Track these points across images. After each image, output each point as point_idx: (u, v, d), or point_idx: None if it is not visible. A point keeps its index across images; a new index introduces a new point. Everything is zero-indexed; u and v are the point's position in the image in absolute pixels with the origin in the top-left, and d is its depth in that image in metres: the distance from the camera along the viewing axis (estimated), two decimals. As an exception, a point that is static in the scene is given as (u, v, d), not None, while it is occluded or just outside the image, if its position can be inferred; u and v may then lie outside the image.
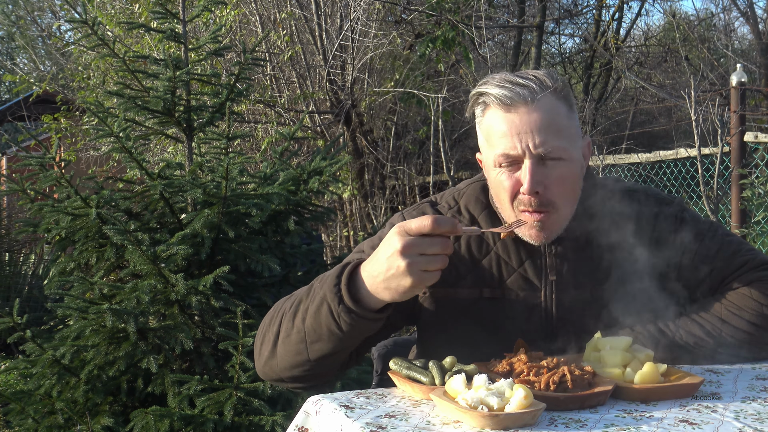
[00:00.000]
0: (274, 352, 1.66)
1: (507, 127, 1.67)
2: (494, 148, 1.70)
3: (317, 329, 1.57)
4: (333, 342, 1.58)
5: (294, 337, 1.62)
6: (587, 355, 1.62)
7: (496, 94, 1.67)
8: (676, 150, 6.21)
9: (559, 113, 1.69)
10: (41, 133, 10.13)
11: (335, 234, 7.76)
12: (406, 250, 1.43)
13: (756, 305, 1.72)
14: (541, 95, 1.66)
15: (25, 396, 3.44)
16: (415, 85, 7.48)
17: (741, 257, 1.80)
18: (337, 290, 1.52)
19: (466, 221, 1.81)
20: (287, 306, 1.66)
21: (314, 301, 1.57)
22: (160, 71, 3.85)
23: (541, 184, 1.67)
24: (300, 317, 1.60)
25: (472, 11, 7.52)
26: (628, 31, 12.16)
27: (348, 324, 1.53)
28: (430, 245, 1.44)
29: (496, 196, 1.76)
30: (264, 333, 1.70)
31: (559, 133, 1.68)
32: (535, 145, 1.66)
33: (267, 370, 1.71)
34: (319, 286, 1.58)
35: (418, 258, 1.44)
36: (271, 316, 1.70)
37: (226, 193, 3.49)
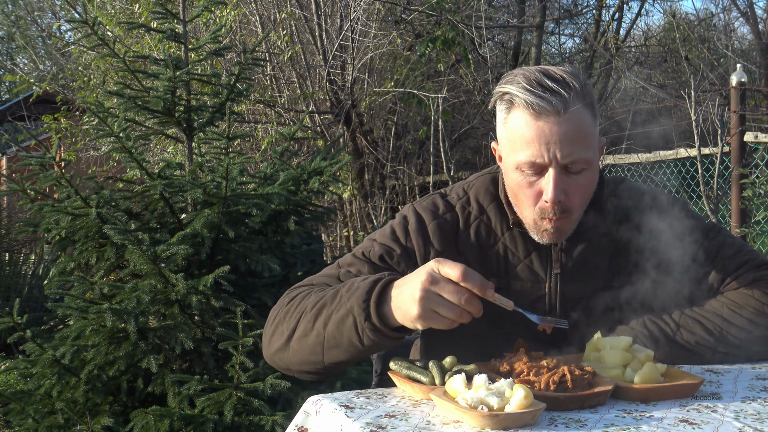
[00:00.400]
0: (287, 346, 1.66)
1: (535, 134, 1.65)
2: (518, 153, 1.69)
3: (338, 338, 1.57)
4: (351, 353, 1.59)
5: (312, 339, 1.61)
6: (587, 355, 1.62)
7: (526, 99, 1.64)
8: (676, 150, 6.20)
9: (586, 123, 1.68)
10: (41, 133, 10.14)
11: (335, 234, 7.76)
12: (426, 283, 1.45)
13: (757, 304, 1.73)
14: (572, 104, 1.64)
15: (25, 396, 3.44)
16: (415, 85, 7.48)
17: (742, 257, 1.81)
18: (366, 306, 1.51)
19: (475, 212, 1.83)
20: (308, 305, 1.64)
21: (340, 310, 1.56)
22: (160, 71, 3.85)
23: (563, 193, 1.68)
24: (322, 322, 1.59)
25: (472, 11, 7.52)
26: (628, 31, 12.16)
27: (371, 340, 1.53)
28: (449, 291, 1.44)
29: (513, 196, 1.77)
30: (277, 324, 1.69)
31: (585, 144, 1.68)
32: (562, 156, 1.65)
33: (276, 360, 1.71)
34: (347, 295, 1.56)
35: (433, 296, 1.45)
36: (288, 310, 1.68)
37: (226, 193, 3.49)
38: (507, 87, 1.69)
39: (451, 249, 1.79)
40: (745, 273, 1.78)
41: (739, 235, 5.04)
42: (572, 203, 1.70)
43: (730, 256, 1.81)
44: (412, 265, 1.74)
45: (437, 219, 1.82)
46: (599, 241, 1.80)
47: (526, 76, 1.67)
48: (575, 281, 1.78)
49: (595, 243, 1.80)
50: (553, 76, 1.67)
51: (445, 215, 1.83)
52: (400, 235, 1.80)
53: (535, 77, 1.66)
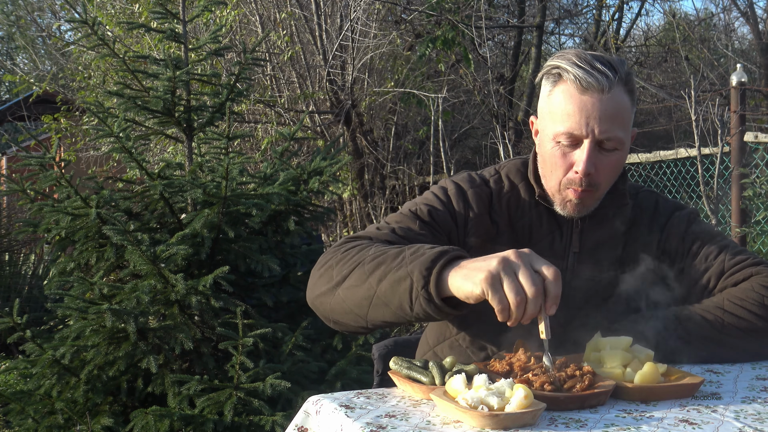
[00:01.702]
0: (333, 292, 1.65)
1: (577, 107, 1.74)
2: (558, 124, 1.77)
3: (389, 298, 1.55)
4: (397, 316, 1.57)
5: (362, 291, 1.59)
6: (587, 355, 1.62)
7: (576, 74, 1.73)
8: (676, 150, 6.20)
9: (626, 106, 1.78)
10: (41, 133, 10.14)
11: (335, 234, 7.76)
12: (513, 255, 1.42)
13: (757, 296, 1.76)
14: (615, 87, 1.74)
15: (25, 396, 3.44)
16: (415, 85, 7.48)
17: (743, 255, 1.88)
18: (428, 274, 1.49)
19: (507, 187, 1.91)
20: (367, 256, 1.62)
21: (399, 270, 1.54)
22: (160, 71, 3.85)
23: (594, 167, 1.77)
24: (376, 277, 1.57)
25: (472, 11, 7.52)
26: (628, 31, 12.17)
27: (422, 309, 1.50)
28: (527, 274, 1.40)
29: (543, 165, 1.85)
30: (328, 267, 1.69)
31: (621, 124, 1.77)
32: (600, 131, 1.74)
33: (317, 304, 1.71)
34: (410, 258, 1.54)
35: (510, 269, 1.41)
36: (344, 256, 1.67)
37: (226, 193, 3.49)
38: (557, 61, 1.79)
39: (486, 215, 1.87)
40: (744, 268, 1.84)
41: (739, 235, 5.04)
42: (600, 179, 1.79)
43: (731, 254, 1.87)
44: (455, 226, 1.83)
45: (474, 188, 1.90)
46: (617, 228, 1.88)
47: (577, 54, 1.78)
48: (590, 263, 1.85)
49: (612, 231, 1.88)
50: (601, 59, 1.77)
51: (481, 186, 1.92)
52: (443, 197, 1.88)
53: (586, 57, 1.77)
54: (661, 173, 6.36)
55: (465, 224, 1.85)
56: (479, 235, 1.82)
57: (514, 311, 1.40)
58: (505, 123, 7.59)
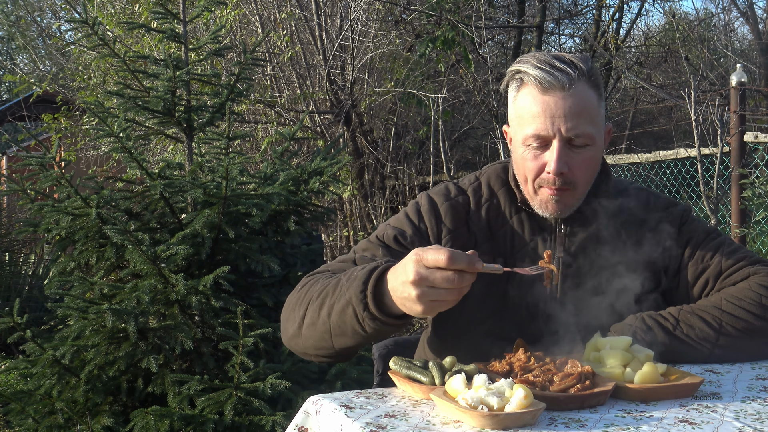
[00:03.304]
0: (299, 333, 1.70)
1: (541, 108, 1.74)
2: (525, 127, 1.77)
3: (342, 326, 1.60)
4: (357, 340, 1.62)
5: (319, 327, 1.64)
6: (587, 355, 1.62)
7: (535, 75, 1.73)
8: (676, 150, 6.20)
9: (591, 101, 1.76)
10: (41, 133, 10.13)
11: (335, 234, 7.76)
12: (417, 282, 1.45)
13: (755, 296, 1.75)
14: (577, 82, 1.73)
15: (25, 396, 3.44)
16: (415, 85, 7.48)
17: (739, 254, 1.86)
18: (363, 296, 1.53)
19: (486, 195, 1.90)
20: (314, 293, 1.68)
21: (340, 300, 1.59)
22: (160, 71, 3.85)
23: (566, 165, 1.75)
24: (326, 311, 1.62)
25: (472, 11, 7.52)
26: (628, 31, 12.15)
27: (372, 328, 1.55)
28: (441, 280, 1.44)
29: (518, 171, 1.84)
30: (290, 310, 1.74)
31: (589, 119, 1.76)
32: (566, 128, 1.73)
33: (293, 345, 1.76)
34: (346, 285, 1.59)
35: (427, 290, 1.45)
36: (298, 297, 1.73)
37: (226, 193, 3.49)
38: (518, 66, 1.79)
39: (462, 228, 1.86)
40: (741, 268, 1.83)
41: (739, 235, 5.04)
42: (575, 177, 1.77)
43: (728, 253, 1.86)
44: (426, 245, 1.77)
45: (449, 201, 1.89)
46: (602, 230, 1.85)
47: (536, 56, 1.77)
48: (577, 267, 1.83)
49: (599, 232, 1.85)
50: (562, 58, 1.77)
51: (456, 197, 1.90)
52: (413, 217, 1.87)
53: (545, 57, 1.76)
54: (661, 173, 6.36)
55: (438, 240, 1.84)
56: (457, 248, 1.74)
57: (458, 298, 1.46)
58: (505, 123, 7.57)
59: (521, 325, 1.80)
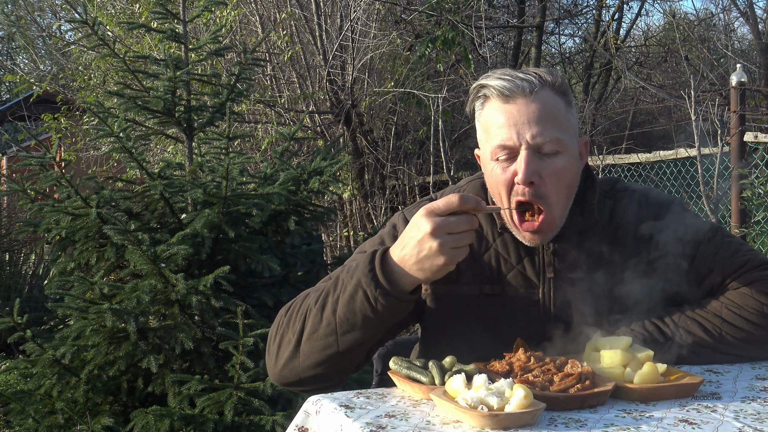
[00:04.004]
0: (296, 351, 1.66)
1: (505, 118, 1.69)
2: (491, 140, 1.72)
3: (351, 317, 1.59)
4: (366, 329, 1.60)
5: (323, 331, 1.62)
6: (587, 355, 1.61)
7: (496, 86, 1.70)
8: (676, 150, 6.20)
9: (558, 107, 1.71)
10: (41, 133, 10.14)
11: (335, 234, 7.76)
12: (437, 231, 1.49)
13: (756, 304, 1.72)
14: (540, 88, 1.68)
15: (25, 396, 3.44)
16: (415, 85, 7.48)
17: (741, 257, 1.79)
18: (373, 275, 1.54)
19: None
20: (311, 302, 1.66)
21: (346, 290, 1.58)
22: (160, 71, 3.85)
23: (536, 174, 1.68)
24: (330, 309, 1.61)
25: (472, 11, 7.52)
26: (628, 31, 12.15)
27: (384, 306, 1.55)
28: (458, 224, 1.49)
29: (492, 189, 1.77)
30: (281, 335, 1.69)
31: (556, 125, 1.69)
32: (532, 135, 1.67)
33: (285, 373, 1.70)
34: (348, 275, 1.59)
35: (447, 237, 1.49)
36: (289, 317, 1.69)
37: (226, 193, 3.49)
38: (481, 81, 1.75)
39: None
40: (744, 273, 1.76)
41: (738, 235, 5.04)
42: (546, 188, 1.69)
43: (729, 256, 1.79)
44: None
45: None
46: (593, 244, 1.77)
47: (498, 71, 1.75)
48: (570, 285, 1.75)
49: (589, 246, 1.77)
50: (524, 70, 1.74)
51: None
52: (388, 241, 1.77)
53: (507, 71, 1.74)
54: (661, 173, 6.36)
55: None
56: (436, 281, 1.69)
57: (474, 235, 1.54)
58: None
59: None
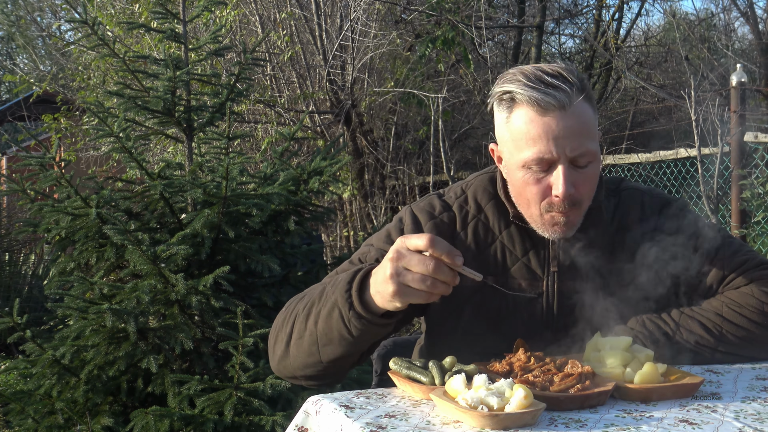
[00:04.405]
0: (287, 352, 1.68)
1: (542, 131, 1.65)
2: (524, 151, 1.68)
3: (328, 333, 1.59)
4: (344, 346, 1.60)
5: (306, 340, 1.63)
6: (587, 355, 1.62)
7: (530, 96, 1.64)
8: (676, 150, 6.20)
9: (589, 116, 1.69)
10: (41, 133, 10.13)
11: (335, 234, 7.76)
12: (394, 260, 1.45)
13: (757, 303, 1.72)
14: (574, 99, 1.65)
15: (25, 396, 3.44)
16: (415, 85, 7.47)
17: (741, 256, 1.81)
18: (348, 296, 1.53)
19: (473, 211, 1.83)
20: (300, 307, 1.67)
21: (326, 305, 1.59)
22: (160, 71, 3.85)
23: (573, 186, 1.68)
24: (312, 320, 1.62)
25: (472, 11, 7.52)
26: (628, 31, 12.15)
27: (358, 329, 1.55)
28: (416, 263, 1.43)
29: (517, 195, 1.76)
30: (277, 332, 1.72)
31: (590, 136, 1.69)
32: (571, 149, 1.65)
33: (281, 368, 1.74)
34: (331, 290, 1.59)
35: (403, 270, 1.44)
36: (284, 316, 1.72)
37: (226, 193, 3.49)
38: (507, 86, 1.68)
39: None
40: (744, 272, 1.78)
41: (738, 235, 5.04)
42: (581, 195, 1.70)
43: (729, 255, 1.80)
44: None
45: (433, 219, 1.83)
46: (597, 240, 1.79)
47: (524, 73, 1.67)
48: (573, 280, 1.77)
49: (594, 242, 1.79)
50: (550, 72, 1.67)
51: (441, 215, 1.83)
52: (395, 236, 1.79)
53: (534, 74, 1.66)
54: (661, 173, 6.36)
55: None
56: None
57: (432, 291, 1.45)
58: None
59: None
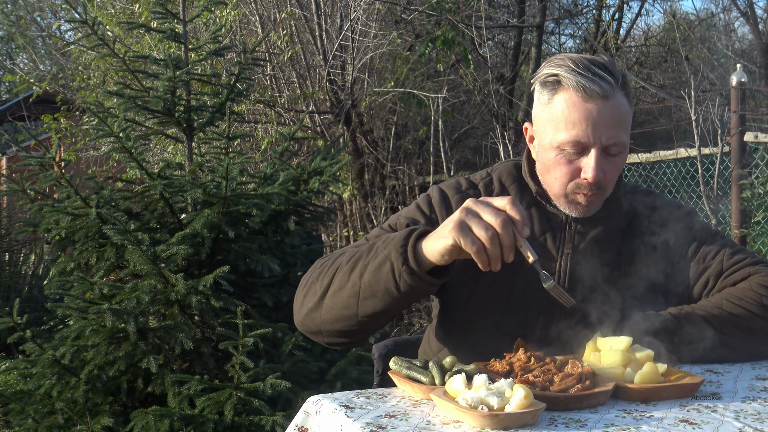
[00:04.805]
0: (320, 304, 1.70)
1: (583, 116, 1.74)
2: (560, 132, 1.76)
3: (374, 286, 1.61)
4: (386, 301, 1.63)
5: (347, 291, 1.65)
6: (587, 355, 1.62)
7: (578, 81, 1.73)
8: (676, 150, 6.20)
9: (626, 110, 1.79)
10: (41, 133, 10.12)
11: (335, 234, 7.76)
12: (470, 203, 1.51)
13: (756, 296, 1.77)
14: (616, 91, 1.75)
15: (25, 396, 3.44)
16: (415, 85, 7.48)
17: (741, 255, 1.88)
18: (404, 251, 1.57)
19: (497, 190, 1.92)
20: (343, 261, 1.69)
21: (376, 258, 1.61)
22: (160, 71, 3.85)
23: (602, 172, 1.77)
24: (357, 273, 1.64)
25: (472, 11, 7.52)
26: (628, 31, 12.16)
27: (407, 285, 1.58)
28: (488, 212, 1.49)
29: (545, 172, 1.85)
30: (310, 284, 1.74)
31: (624, 129, 1.79)
32: (607, 137, 1.75)
33: (307, 322, 1.75)
34: (383, 245, 1.62)
35: (472, 213, 1.50)
36: (321, 269, 1.74)
37: (226, 193, 3.49)
38: (555, 69, 1.77)
39: None
40: (742, 268, 1.85)
41: (738, 235, 5.04)
42: (606, 182, 1.80)
43: (729, 254, 1.88)
44: None
45: (460, 193, 1.91)
46: (612, 228, 1.88)
47: (573, 60, 1.77)
48: (584, 263, 1.84)
49: (608, 230, 1.87)
50: (598, 63, 1.77)
51: (468, 191, 1.92)
52: (425, 208, 1.89)
53: (583, 62, 1.76)
54: (661, 173, 6.36)
55: None
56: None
57: (488, 246, 1.49)
58: (505, 123, 7.58)
59: (527, 320, 1.81)
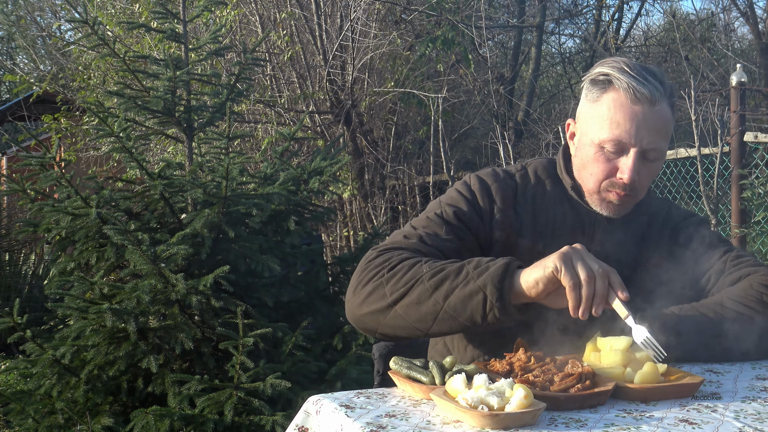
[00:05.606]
0: (389, 310, 1.67)
1: (629, 117, 1.78)
2: (604, 130, 1.80)
3: (458, 311, 1.60)
4: (463, 327, 1.63)
5: (426, 308, 1.63)
6: (587, 355, 1.62)
7: (629, 83, 1.77)
8: (676, 150, 6.19)
9: (669, 119, 1.84)
10: (41, 133, 10.13)
11: (335, 234, 7.76)
12: (578, 247, 1.55)
13: (756, 294, 1.78)
14: (663, 99, 1.79)
15: (25, 396, 3.45)
16: (415, 85, 7.48)
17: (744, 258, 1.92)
18: (501, 286, 1.56)
19: (533, 182, 1.95)
20: (424, 274, 1.65)
21: (467, 285, 1.59)
22: (160, 71, 3.85)
23: (637, 175, 1.81)
24: (443, 293, 1.61)
25: (472, 11, 7.52)
26: (628, 31, 12.17)
27: (495, 318, 1.58)
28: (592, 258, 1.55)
29: (582, 168, 1.88)
30: (377, 285, 1.69)
31: (665, 136, 1.84)
32: (648, 141, 1.79)
33: (366, 320, 1.71)
34: (475, 273, 1.60)
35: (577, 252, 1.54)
36: (394, 273, 1.68)
37: (226, 193, 3.49)
38: (607, 69, 1.82)
39: (510, 210, 1.90)
40: (743, 268, 1.87)
41: (738, 235, 5.04)
42: (640, 185, 1.84)
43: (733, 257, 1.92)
44: (481, 222, 1.87)
45: (499, 182, 1.93)
46: (634, 233, 1.92)
47: (626, 63, 1.81)
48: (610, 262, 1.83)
49: (631, 234, 1.92)
50: (649, 70, 1.81)
51: (506, 179, 1.95)
52: (466, 193, 1.91)
53: (636, 67, 1.80)
54: (661, 173, 6.35)
55: (490, 219, 1.88)
56: (504, 228, 1.86)
57: (585, 285, 1.51)
58: (505, 123, 7.58)
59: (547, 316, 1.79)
